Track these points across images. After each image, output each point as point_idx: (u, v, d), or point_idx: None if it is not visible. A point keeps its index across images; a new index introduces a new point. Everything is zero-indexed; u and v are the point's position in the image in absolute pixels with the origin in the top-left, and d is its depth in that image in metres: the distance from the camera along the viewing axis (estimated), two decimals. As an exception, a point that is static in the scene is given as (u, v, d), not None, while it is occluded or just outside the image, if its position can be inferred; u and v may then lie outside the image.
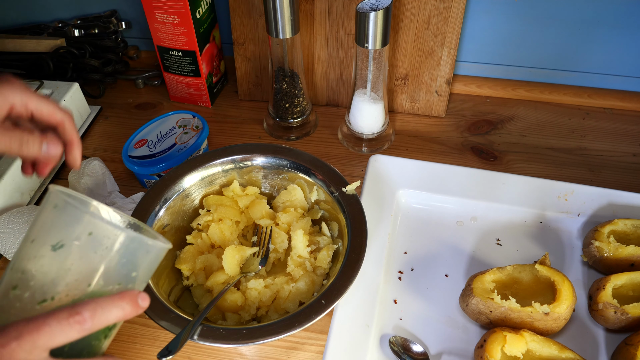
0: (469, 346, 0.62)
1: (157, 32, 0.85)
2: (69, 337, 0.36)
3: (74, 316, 0.35)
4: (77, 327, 0.35)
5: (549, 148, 0.86)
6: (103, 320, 0.37)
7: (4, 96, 0.47)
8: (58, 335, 0.35)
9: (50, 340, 0.35)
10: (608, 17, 0.85)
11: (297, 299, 0.62)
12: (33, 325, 0.35)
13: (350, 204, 0.65)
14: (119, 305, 0.37)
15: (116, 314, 0.37)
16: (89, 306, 0.36)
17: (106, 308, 0.37)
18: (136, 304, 0.38)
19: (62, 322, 0.35)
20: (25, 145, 0.46)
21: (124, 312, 0.38)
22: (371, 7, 0.69)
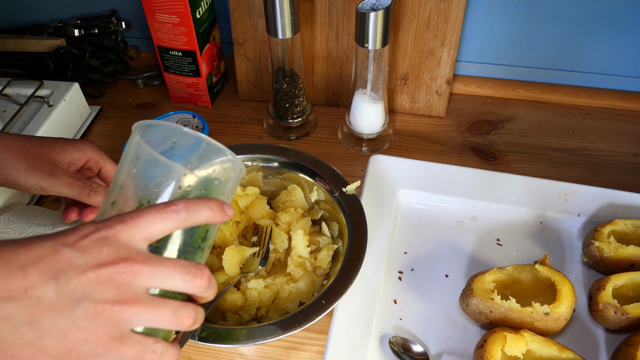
0: (469, 346, 0.62)
1: (157, 32, 0.85)
2: (166, 225, 0.38)
3: (170, 206, 0.38)
4: (174, 215, 0.38)
5: (549, 148, 0.86)
6: (195, 215, 0.39)
7: (83, 151, 0.56)
8: (157, 222, 0.37)
9: (149, 226, 0.37)
10: (608, 17, 0.85)
11: (297, 299, 0.62)
12: (134, 212, 0.37)
13: (350, 204, 0.65)
14: (208, 205, 0.40)
15: (206, 213, 0.39)
16: (182, 200, 0.39)
17: (198, 204, 0.39)
18: (222, 209, 0.41)
19: (160, 210, 0.37)
20: (94, 193, 0.54)
21: (212, 212, 0.40)
22: (371, 7, 0.69)
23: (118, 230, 0.37)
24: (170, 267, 0.37)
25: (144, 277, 0.36)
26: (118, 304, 0.35)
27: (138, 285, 0.36)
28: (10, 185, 0.54)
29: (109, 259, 0.36)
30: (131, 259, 0.36)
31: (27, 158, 0.53)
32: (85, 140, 0.57)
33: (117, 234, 0.37)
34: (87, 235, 0.36)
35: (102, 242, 0.36)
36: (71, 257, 0.35)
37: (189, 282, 0.38)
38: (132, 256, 0.36)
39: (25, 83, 0.87)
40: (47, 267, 0.34)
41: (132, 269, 0.36)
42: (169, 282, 0.37)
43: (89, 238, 0.36)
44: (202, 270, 0.39)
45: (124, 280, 0.36)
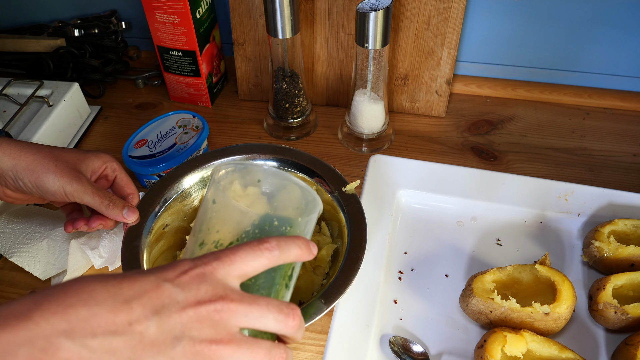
0: (469, 346, 0.62)
1: (157, 32, 0.85)
2: (260, 263, 0.39)
3: (264, 243, 0.39)
4: (267, 253, 0.39)
5: (549, 148, 0.86)
6: (286, 253, 0.40)
7: (102, 159, 0.59)
8: (251, 260, 0.38)
9: (243, 264, 0.38)
10: (608, 17, 0.85)
11: (297, 299, 0.62)
12: (229, 250, 0.39)
13: (350, 204, 0.65)
14: (297, 243, 0.41)
15: (295, 251, 0.41)
16: (274, 238, 0.40)
17: (288, 242, 0.40)
18: (309, 247, 0.42)
19: (254, 248, 0.39)
20: (112, 205, 0.57)
21: (300, 250, 0.41)
22: (371, 7, 0.69)
23: (215, 267, 0.38)
24: (264, 306, 0.38)
25: (239, 315, 0.37)
26: (215, 343, 0.36)
27: (233, 324, 0.37)
28: (38, 188, 0.56)
29: (207, 297, 0.36)
30: (227, 297, 0.37)
31: (55, 162, 0.56)
32: (103, 151, 0.61)
33: (214, 271, 0.37)
34: (186, 272, 0.37)
35: (200, 279, 0.37)
36: (172, 292, 0.36)
37: (281, 322, 0.38)
38: (228, 294, 0.37)
39: (25, 83, 0.87)
40: (150, 302, 0.35)
41: (228, 308, 0.36)
42: (262, 321, 0.38)
43: (188, 274, 0.37)
44: (294, 310, 0.39)
45: (221, 318, 0.36)
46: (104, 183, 0.61)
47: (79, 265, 0.67)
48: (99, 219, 0.59)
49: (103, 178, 0.61)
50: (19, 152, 0.55)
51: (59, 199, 0.57)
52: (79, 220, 0.60)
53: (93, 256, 0.66)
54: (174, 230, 0.68)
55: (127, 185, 0.61)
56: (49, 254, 0.67)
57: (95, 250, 0.66)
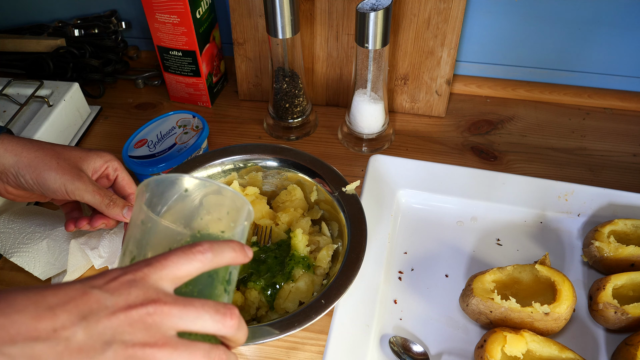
0: (469, 346, 0.62)
1: (157, 32, 0.85)
2: (193, 266, 0.38)
3: (196, 247, 0.38)
4: (200, 256, 0.38)
5: (549, 148, 0.86)
6: (219, 256, 0.39)
7: (104, 158, 0.59)
8: (183, 264, 0.38)
9: (175, 269, 0.37)
10: (608, 17, 0.85)
11: (296, 299, 0.62)
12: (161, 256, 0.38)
13: (350, 204, 0.65)
14: (230, 246, 0.40)
15: (229, 254, 0.40)
16: (207, 242, 0.39)
17: (221, 245, 0.40)
18: (243, 250, 0.41)
19: (186, 252, 0.38)
20: (113, 204, 0.57)
21: (235, 253, 0.40)
22: (371, 7, 0.69)
23: (145, 273, 0.37)
24: (200, 307, 0.37)
25: (173, 318, 0.36)
26: (149, 346, 0.35)
27: (168, 327, 0.36)
28: (39, 185, 0.56)
29: (138, 301, 0.35)
30: (160, 301, 0.36)
31: (57, 159, 0.56)
32: (105, 150, 0.60)
33: (145, 276, 0.37)
34: (116, 278, 0.36)
35: (130, 285, 0.36)
36: (100, 298, 0.35)
37: (219, 322, 0.38)
38: (161, 297, 0.36)
39: (25, 83, 0.87)
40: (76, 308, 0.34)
41: (161, 310, 0.36)
42: (199, 322, 0.37)
43: (118, 281, 0.36)
44: (231, 309, 0.38)
45: (154, 321, 0.35)
46: (105, 182, 0.61)
47: (79, 265, 0.67)
48: (101, 218, 0.59)
49: (104, 177, 0.61)
50: (20, 149, 0.55)
51: (60, 197, 0.57)
52: (82, 219, 0.60)
53: (93, 256, 0.66)
54: (174, 230, 0.68)
55: (128, 185, 0.62)
56: (49, 254, 0.67)
57: (95, 250, 0.66)
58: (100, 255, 0.67)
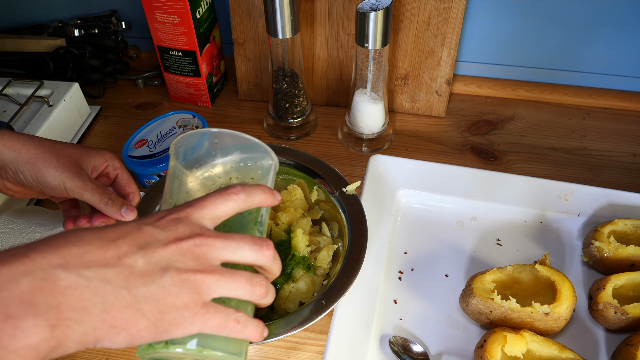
0: (469, 346, 0.62)
1: (157, 32, 0.85)
2: (229, 206, 0.43)
3: (230, 189, 0.43)
4: (234, 196, 0.43)
5: (549, 148, 0.86)
6: (251, 197, 0.44)
7: (104, 157, 0.60)
8: (220, 204, 0.42)
9: (214, 208, 0.42)
10: (608, 17, 0.85)
11: (297, 299, 0.62)
12: (200, 198, 0.43)
13: (350, 204, 0.65)
14: (260, 189, 0.45)
15: (260, 195, 0.45)
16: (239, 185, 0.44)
17: (252, 187, 0.45)
18: (272, 193, 0.46)
19: (222, 194, 0.43)
20: (112, 203, 0.57)
21: (265, 195, 0.45)
22: (371, 7, 0.69)
23: (188, 212, 0.42)
24: (239, 239, 0.42)
25: (217, 249, 0.41)
26: (199, 272, 0.39)
27: (213, 257, 0.41)
28: (38, 182, 0.56)
29: (186, 234, 0.40)
30: (204, 234, 0.41)
31: (57, 156, 0.56)
32: (105, 149, 0.61)
33: (188, 215, 0.41)
34: (163, 217, 0.41)
35: (177, 222, 0.41)
36: (153, 232, 0.40)
37: (257, 252, 0.42)
38: (205, 232, 0.41)
39: (25, 83, 0.87)
40: (134, 240, 0.39)
41: (206, 242, 0.40)
42: (239, 253, 0.41)
43: (165, 219, 0.41)
44: (267, 241, 0.43)
45: (201, 252, 0.40)
46: (105, 181, 0.61)
47: (79, 265, 0.67)
48: (101, 217, 0.59)
49: (104, 176, 0.61)
50: (20, 145, 0.55)
51: (59, 194, 0.57)
52: (82, 217, 0.60)
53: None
54: (174, 230, 0.68)
55: (128, 184, 0.62)
56: (49, 254, 0.67)
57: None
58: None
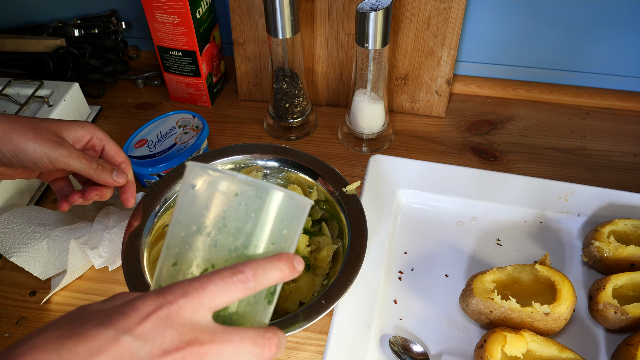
0: (469, 346, 0.62)
1: (157, 32, 0.85)
2: (232, 296, 0.36)
3: (237, 275, 0.36)
4: (241, 285, 0.36)
5: (549, 148, 0.86)
6: (264, 280, 0.37)
7: (87, 128, 0.57)
8: (222, 294, 0.35)
9: (215, 298, 0.35)
10: (608, 17, 0.85)
11: (297, 299, 0.62)
12: (198, 283, 0.35)
13: (350, 204, 0.65)
14: (277, 266, 0.37)
15: (275, 275, 0.37)
16: (250, 265, 0.36)
17: (266, 268, 0.37)
18: (292, 266, 0.38)
19: (226, 281, 0.35)
20: (102, 168, 0.56)
21: (282, 273, 0.38)
22: (371, 7, 0.69)
23: (181, 306, 0.34)
24: (238, 342, 0.35)
25: (210, 357, 0.35)
26: None
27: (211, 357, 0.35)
28: (17, 157, 0.53)
29: (174, 345, 0.34)
30: (197, 341, 0.34)
31: (34, 129, 0.53)
32: (87, 121, 0.58)
33: (180, 310, 0.34)
34: (148, 316, 0.34)
35: (164, 324, 0.34)
36: (133, 347, 0.33)
37: (257, 356, 0.36)
38: (198, 337, 0.34)
39: (25, 83, 0.87)
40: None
41: (198, 352, 0.34)
42: (236, 358, 0.36)
43: (150, 320, 0.34)
44: (270, 339, 0.37)
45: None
46: (92, 154, 0.58)
47: (79, 265, 0.67)
48: (94, 190, 0.57)
49: (90, 149, 0.58)
50: None
51: (44, 168, 0.54)
52: (73, 193, 0.57)
53: (93, 256, 0.66)
54: (174, 230, 0.68)
55: (117, 154, 0.59)
56: (49, 254, 0.67)
57: (95, 250, 0.66)
58: (100, 255, 0.67)
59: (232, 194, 0.39)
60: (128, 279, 0.58)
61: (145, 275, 0.58)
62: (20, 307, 0.68)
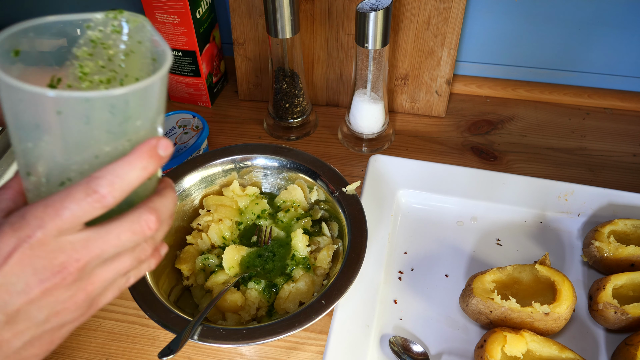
0: (469, 346, 0.62)
1: (157, 32, 0.85)
2: (93, 214, 0.33)
3: (91, 195, 0.32)
4: (98, 205, 0.33)
5: (549, 148, 0.86)
6: (124, 188, 0.33)
7: None
8: (82, 216, 0.33)
9: (75, 221, 0.33)
10: (608, 17, 0.85)
11: (297, 299, 0.62)
12: (52, 210, 0.32)
13: (350, 204, 0.65)
14: (136, 166, 0.34)
15: (137, 175, 0.34)
16: (105, 180, 0.33)
17: (123, 175, 0.33)
18: (156, 156, 0.34)
19: (81, 204, 0.32)
20: None
21: (145, 171, 0.34)
22: (371, 7, 0.69)
23: (40, 238, 0.32)
24: (115, 239, 0.34)
25: (92, 266, 0.34)
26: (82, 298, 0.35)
27: (91, 271, 0.34)
28: None
29: (48, 273, 0.33)
30: (71, 259, 0.33)
31: None
32: None
33: (42, 241, 0.32)
34: (10, 255, 0.32)
35: (30, 257, 0.32)
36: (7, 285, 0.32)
37: (140, 238, 0.35)
38: (70, 255, 0.33)
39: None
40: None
41: (77, 268, 0.33)
42: (120, 250, 0.35)
43: (14, 257, 0.32)
44: (146, 220, 0.35)
45: (74, 278, 0.33)
46: None
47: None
48: None
49: None
50: None
51: None
52: None
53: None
54: (174, 230, 0.68)
55: None
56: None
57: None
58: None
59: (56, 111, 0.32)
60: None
61: (145, 275, 0.58)
62: (20, 307, 0.68)
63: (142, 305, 0.56)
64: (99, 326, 0.66)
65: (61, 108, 0.32)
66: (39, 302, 0.33)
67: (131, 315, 0.67)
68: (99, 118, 0.33)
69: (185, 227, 0.70)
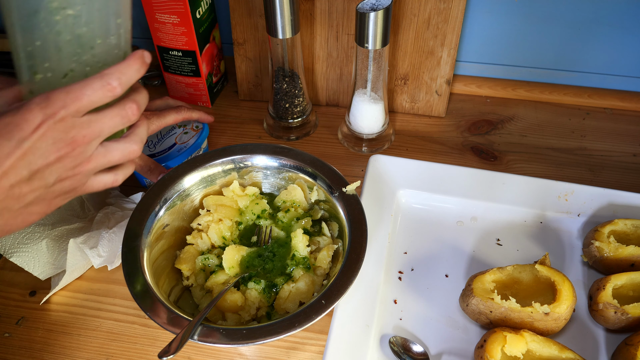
0: (469, 346, 0.62)
1: (157, 32, 0.85)
2: (105, 101, 0.44)
3: (106, 87, 0.43)
4: (110, 94, 0.44)
5: (549, 148, 0.86)
6: (128, 82, 0.45)
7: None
8: (96, 102, 0.43)
9: (90, 105, 0.43)
10: (608, 17, 0.85)
11: (297, 299, 0.62)
12: (73, 95, 0.42)
13: (350, 204, 0.65)
14: (134, 68, 0.46)
15: (134, 74, 0.46)
16: (114, 75, 0.44)
17: (126, 72, 0.45)
18: (145, 62, 0.47)
19: (97, 92, 0.43)
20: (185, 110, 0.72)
21: (139, 72, 0.46)
22: (371, 7, 0.69)
23: (63, 117, 0.42)
24: (109, 120, 0.45)
25: (93, 138, 0.44)
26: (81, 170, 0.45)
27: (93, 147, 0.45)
28: None
29: (63, 143, 0.43)
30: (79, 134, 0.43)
31: None
32: None
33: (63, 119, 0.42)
34: (40, 126, 0.41)
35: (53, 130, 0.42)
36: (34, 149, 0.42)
37: (126, 121, 0.46)
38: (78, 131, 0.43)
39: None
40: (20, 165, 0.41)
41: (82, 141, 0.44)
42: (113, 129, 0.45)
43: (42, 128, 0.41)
44: (130, 107, 0.46)
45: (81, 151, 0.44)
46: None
47: (79, 264, 0.67)
48: None
49: None
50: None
51: None
52: None
53: (92, 255, 0.66)
54: (174, 230, 0.68)
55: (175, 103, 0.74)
56: (49, 254, 0.67)
57: (94, 249, 0.66)
58: (100, 255, 0.67)
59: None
60: (128, 279, 0.58)
61: (145, 275, 0.58)
62: (20, 307, 0.68)
63: (142, 305, 0.56)
64: (99, 326, 0.66)
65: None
66: (52, 166, 0.43)
67: (131, 315, 0.67)
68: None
69: (185, 227, 0.70)
